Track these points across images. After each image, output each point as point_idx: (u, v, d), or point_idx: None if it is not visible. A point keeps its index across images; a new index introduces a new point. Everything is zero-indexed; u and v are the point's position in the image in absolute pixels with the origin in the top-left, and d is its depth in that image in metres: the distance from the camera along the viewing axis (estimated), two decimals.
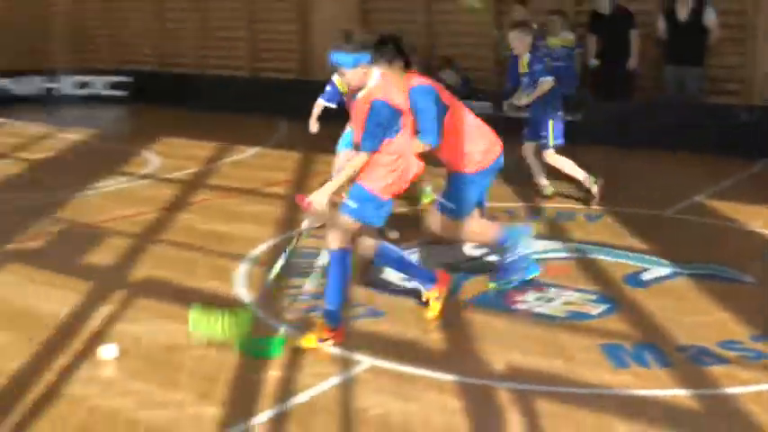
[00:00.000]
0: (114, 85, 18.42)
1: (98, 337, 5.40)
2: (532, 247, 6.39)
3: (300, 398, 4.54)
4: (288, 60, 16.32)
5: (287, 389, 4.66)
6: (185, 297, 5.91)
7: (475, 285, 6.28)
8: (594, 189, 8.57)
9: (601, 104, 12.33)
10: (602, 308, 5.83)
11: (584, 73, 12.62)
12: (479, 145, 6.01)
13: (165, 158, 11.82)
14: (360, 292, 6.14)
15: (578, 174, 8.70)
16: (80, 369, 4.98)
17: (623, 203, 8.58)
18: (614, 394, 4.54)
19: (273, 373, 4.84)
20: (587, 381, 4.70)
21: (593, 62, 12.33)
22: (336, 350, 5.12)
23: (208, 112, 15.69)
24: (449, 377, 4.75)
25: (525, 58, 8.60)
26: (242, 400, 4.53)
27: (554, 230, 7.78)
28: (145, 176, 10.72)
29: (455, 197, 6.06)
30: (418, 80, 5.94)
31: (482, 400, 4.52)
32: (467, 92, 13.23)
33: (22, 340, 5.41)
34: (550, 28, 12.15)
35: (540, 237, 7.37)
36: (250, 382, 4.74)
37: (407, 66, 5.90)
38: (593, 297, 6.03)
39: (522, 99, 8.73)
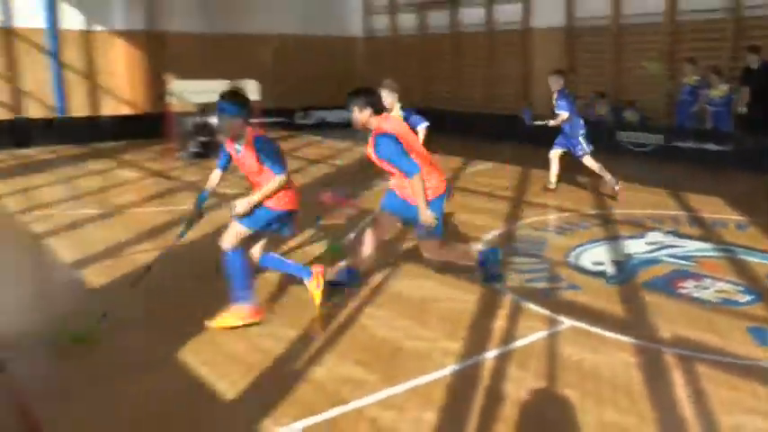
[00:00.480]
0: None
1: (377, 290, 5.46)
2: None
3: (518, 343, 4.39)
4: (511, 102, 15.95)
5: (508, 335, 4.51)
6: (435, 266, 5.86)
7: (649, 272, 5.82)
8: (617, 188, 8.65)
9: (748, 138, 11.21)
10: (748, 297, 5.22)
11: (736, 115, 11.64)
12: (432, 181, 4.98)
13: None
14: (563, 271, 5.86)
15: (606, 174, 8.77)
16: (364, 310, 5.05)
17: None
18: (762, 366, 4.05)
19: (498, 323, 4.71)
20: (738, 353, 4.22)
21: (743, 110, 11.23)
22: (545, 311, 4.90)
23: (458, 136, 15.70)
24: (627, 339, 4.42)
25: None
26: (476, 341, 4.43)
27: (710, 235, 7.08)
28: None
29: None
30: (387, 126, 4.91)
31: (653, 360, 4.16)
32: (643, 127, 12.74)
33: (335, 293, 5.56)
34: (710, 82, 11.55)
35: (697, 239, 6.80)
36: (482, 328, 4.63)
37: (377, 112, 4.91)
38: (741, 288, 5.42)
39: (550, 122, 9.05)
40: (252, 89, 13.20)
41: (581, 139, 8.90)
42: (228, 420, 3.52)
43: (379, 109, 4.92)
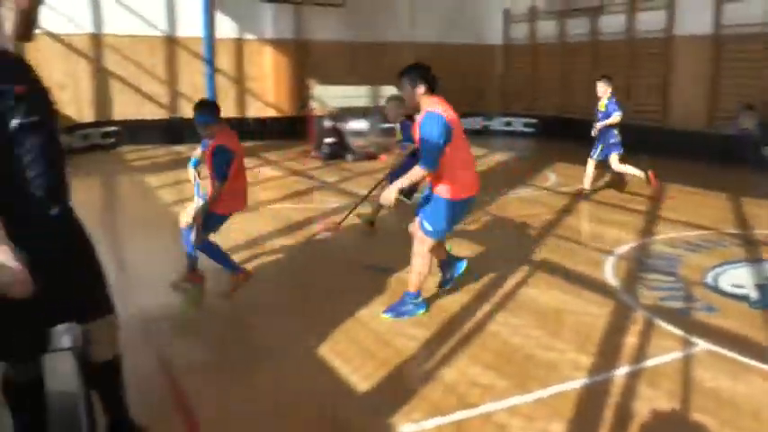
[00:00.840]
0: (527, 125, 18.60)
1: (511, 297, 5.47)
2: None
3: (649, 362, 4.24)
4: (650, 112, 15.27)
5: (640, 353, 4.37)
6: (568, 276, 5.81)
7: None
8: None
9: None
10: None
11: None
12: (465, 180, 4.74)
13: (560, 176, 11.69)
14: (700, 291, 5.59)
15: (637, 172, 9.50)
16: (496, 316, 5.06)
17: None
18: None
19: (630, 340, 4.58)
20: None
21: None
22: (679, 332, 4.71)
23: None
24: None
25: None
26: (607, 356, 4.33)
27: None
28: (545, 188, 10.68)
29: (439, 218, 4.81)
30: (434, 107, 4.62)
31: None
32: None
33: (459, 287, 5.62)
34: None
35: None
36: (613, 343, 4.52)
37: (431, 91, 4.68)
38: None
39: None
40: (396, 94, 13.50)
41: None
42: (359, 412, 3.66)
43: (434, 88, 4.61)
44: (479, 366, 4.16)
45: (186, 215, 5.59)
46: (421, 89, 4.62)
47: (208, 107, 5.39)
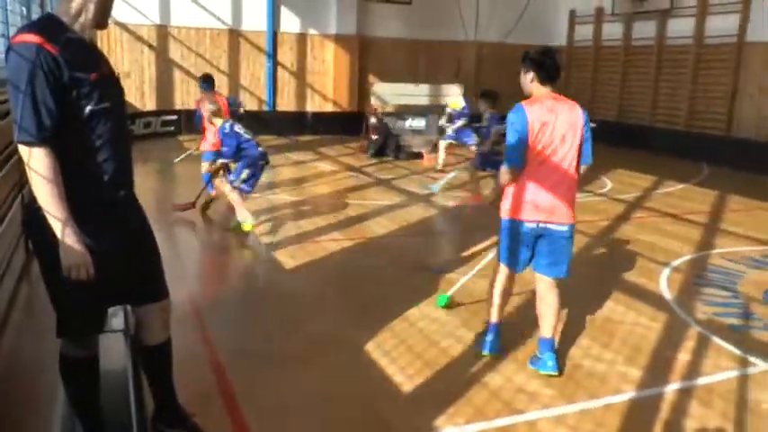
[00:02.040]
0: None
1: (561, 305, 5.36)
2: None
3: (702, 380, 4.12)
4: (714, 120, 14.80)
5: (692, 370, 4.25)
6: (621, 286, 5.68)
7: None
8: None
9: None
10: None
11: None
12: (535, 199, 3.97)
13: (617, 183, 11.44)
14: (760, 309, 5.40)
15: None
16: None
17: None
18: None
19: (682, 355, 4.46)
20: None
21: None
22: (736, 350, 4.55)
23: (650, 153, 14.94)
24: None
25: None
26: (657, 370, 4.23)
27: None
28: (601, 194, 10.47)
29: (500, 238, 4.18)
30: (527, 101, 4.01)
31: None
32: None
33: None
34: None
35: None
36: (664, 358, 4.41)
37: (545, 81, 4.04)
38: None
39: None
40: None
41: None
42: (402, 411, 3.67)
43: (546, 77, 4.01)
44: (526, 373, 4.12)
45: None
46: (529, 76, 4.07)
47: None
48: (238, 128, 7.35)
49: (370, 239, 7.29)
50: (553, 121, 3.94)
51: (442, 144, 11.71)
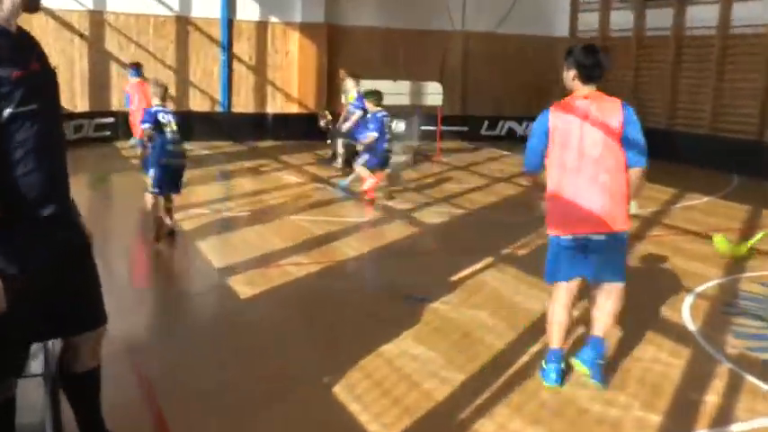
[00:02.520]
0: None
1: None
2: None
3: (735, 427, 4.07)
4: (742, 123, 14.97)
5: (722, 415, 4.20)
6: (636, 316, 5.65)
7: None
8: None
9: None
10: None
11: None
12: (564, 213, 4.40)
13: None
14: None
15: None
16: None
17: None
18: None
19: (710, 397, 4.42)
20: None
21: None
22: None
23: (669, 162, 15.05)
24: None
25: None
26: (680, 416, 4.18)
27: None
28: None
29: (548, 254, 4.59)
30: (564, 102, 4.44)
31: None
32: None
33: (506, 326, 5.53)
34: None
35: None
36: (688, 400, 4.37)
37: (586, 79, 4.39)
38: None
39: None
40: (435, 91, 13.51)
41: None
42: None
43: (588, 76, 4.35)
44: (523, 420, 4.06)
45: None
46: (571, 74, 4.41)
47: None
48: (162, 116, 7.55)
49: (339, 263, 7.23)
50: (580, 126, 4.28)
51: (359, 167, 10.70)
